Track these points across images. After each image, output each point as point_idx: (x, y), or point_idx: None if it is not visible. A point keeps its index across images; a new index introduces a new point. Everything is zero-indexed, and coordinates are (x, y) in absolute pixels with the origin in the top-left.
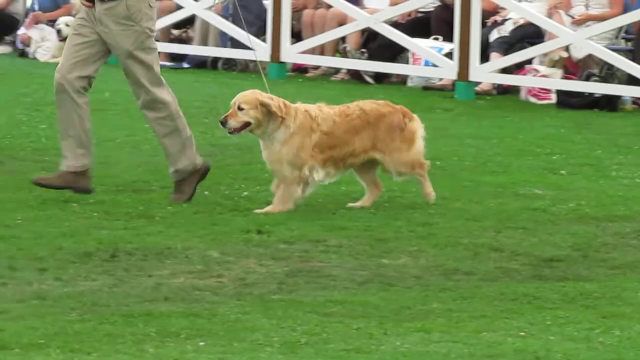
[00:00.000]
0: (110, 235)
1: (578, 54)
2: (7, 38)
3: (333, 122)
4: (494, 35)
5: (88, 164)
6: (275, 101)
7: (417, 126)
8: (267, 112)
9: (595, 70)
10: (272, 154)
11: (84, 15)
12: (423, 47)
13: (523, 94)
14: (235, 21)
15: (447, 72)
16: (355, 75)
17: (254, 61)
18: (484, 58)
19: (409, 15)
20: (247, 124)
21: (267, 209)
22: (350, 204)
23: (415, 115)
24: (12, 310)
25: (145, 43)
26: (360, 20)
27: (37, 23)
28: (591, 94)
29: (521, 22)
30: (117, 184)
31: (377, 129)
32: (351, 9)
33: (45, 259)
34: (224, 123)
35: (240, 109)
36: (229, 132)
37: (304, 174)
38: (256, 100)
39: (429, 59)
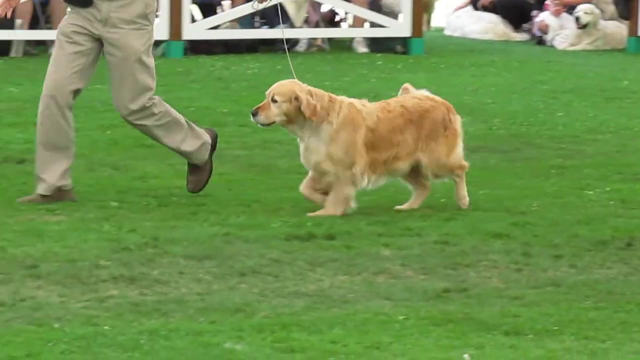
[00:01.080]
0: (626, 223)
1: None
2: (524, 26)
3: (377, 117)
4: None
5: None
6: (315, 96)
7: (459, 123)
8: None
9: None
10: (319, 154)
11: (77, 21)
12: None
13: None
14: None
15: None
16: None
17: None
18: None
19: None
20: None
21: (319, 212)
22: (397, 207)
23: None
24: (527, 296)
25: (151, 46)
26: None
27: (559, 12)
28: None
29: None
30: (635, 172)
31: (421, 128)
32: None
33: (561, 246)
34: (254, 114)
35: (274, 100)
36: (259, 125)
37: (356, 173)
38: (292, 93)
39: None
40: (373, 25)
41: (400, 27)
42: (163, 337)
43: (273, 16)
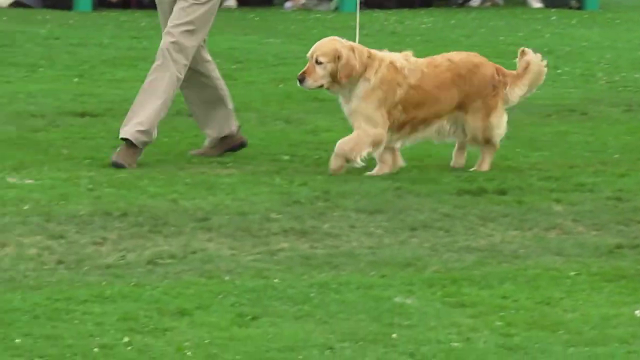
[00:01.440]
0: None
1: None
2: None
3: (422, 73)
4: None
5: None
6: (356, 52)
7: (515, 92)
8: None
9: None
10: (350, 109)
11: None
12: None
13: None
14: None
15: None
16: None
17: None
18: None
19: None
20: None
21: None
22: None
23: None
24: None
25: None
26: None
27: None
28: None
29: None
30: None
31: (468, 83)
32: None
33: None
34: (301, 80)
35: (318, 62)
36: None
37: (377, 134)
38: (335, 52)
39: None
40: None
41: None
42: (333, 290)
43: None
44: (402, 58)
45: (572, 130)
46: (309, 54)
